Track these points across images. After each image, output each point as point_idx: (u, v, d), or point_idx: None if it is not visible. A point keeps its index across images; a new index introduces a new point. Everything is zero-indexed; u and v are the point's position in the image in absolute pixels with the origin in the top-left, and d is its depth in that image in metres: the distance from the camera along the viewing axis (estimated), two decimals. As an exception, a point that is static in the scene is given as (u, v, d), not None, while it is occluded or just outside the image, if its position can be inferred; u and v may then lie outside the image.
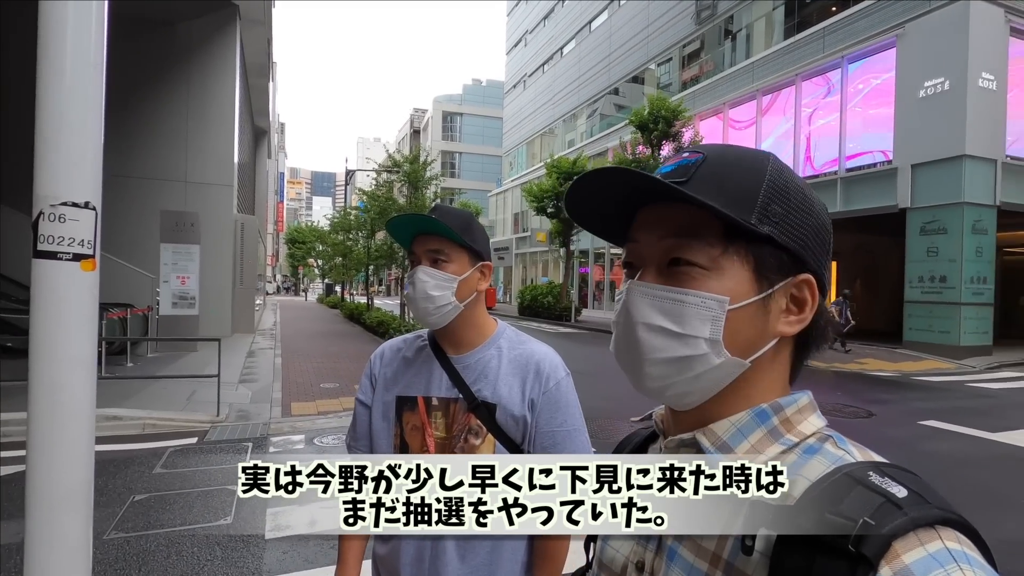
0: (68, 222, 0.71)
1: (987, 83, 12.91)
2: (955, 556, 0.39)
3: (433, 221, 1.17)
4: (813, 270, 0.51)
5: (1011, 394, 9.04)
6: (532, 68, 36.93)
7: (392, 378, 1.25)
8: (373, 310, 18.94)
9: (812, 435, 0.50)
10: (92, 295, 0.77)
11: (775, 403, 0.51)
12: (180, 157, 12.67)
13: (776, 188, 0.50)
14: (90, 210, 0.73)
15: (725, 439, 0.51)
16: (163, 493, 4.25)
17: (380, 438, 1.22)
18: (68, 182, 0.71)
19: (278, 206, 49.37)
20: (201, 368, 8.49)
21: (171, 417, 6.18)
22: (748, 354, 0.50)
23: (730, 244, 0.49)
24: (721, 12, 20.58)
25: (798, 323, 0.51)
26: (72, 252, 0.72)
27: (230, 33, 13.75)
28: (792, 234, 0.50)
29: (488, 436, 1.15)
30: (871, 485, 0.42)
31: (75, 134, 0.72)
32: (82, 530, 0.74)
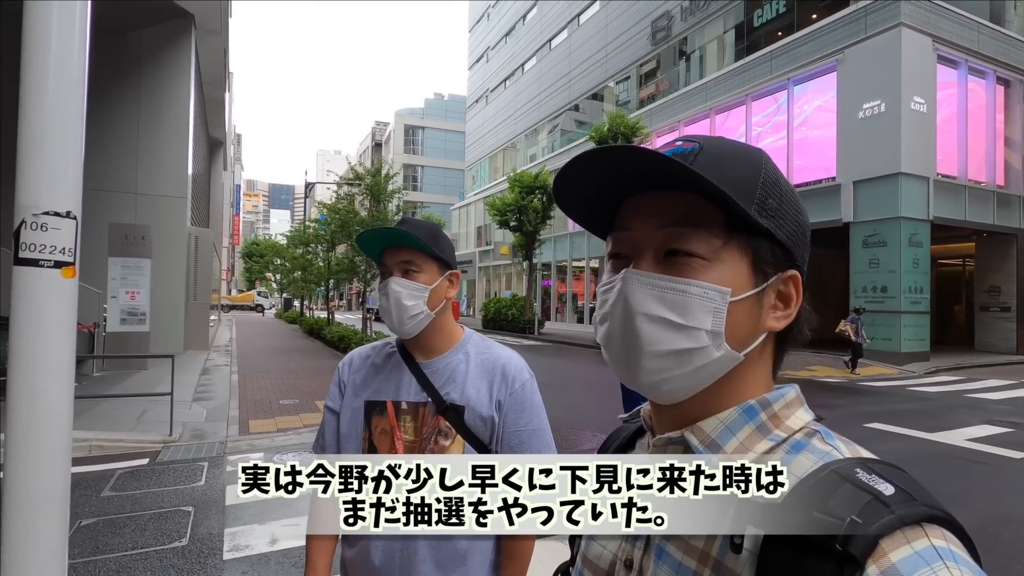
0: (50, 231, 0.73)
1: (919, 106, 13.85)
2: (941, 554, 0.39)
3: (403, 233, 1.22)
4: (799, 267, 0.51)
5: (946, 397, 9.61)
6: (494, 83, 37.36)
7: (361, 384, 1.28)
8: (334, 325, 18.59)
9: (799, 430, 0.50)
10: (72, 302, 0.78)
11: (763, 399, 0.51)
12: (130, 168, 12.22)
13: (771, 182, 0.50)
14: (71, 219, 0.75)
15: (714, 437, 0.50)
16: (112, 517, 4.07)
17: (348, 442, 1.24)
18: (50, 192, 0.73)
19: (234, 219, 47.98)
20: (152, 387, 8.15)
21: (120, 438, 5.92)
22: (743, 348, 0.49)
23: (732, 236, 0.48)
24: (676, 33, 21.40)
25: (784, 319, 0.51)
26: (54, 260, 0.74)
27: (184, 42, 13.43)
28: (786, 229, 0.50)
29: (457, 437, 1.19)
30: (858, 482, 0.42)
31: (56, 146, 0.74)
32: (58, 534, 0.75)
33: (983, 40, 15.56)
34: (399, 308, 1.20)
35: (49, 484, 0.75)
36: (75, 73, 0.74)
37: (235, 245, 50.44)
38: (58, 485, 0.76)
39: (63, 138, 0.74)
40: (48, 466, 0.74)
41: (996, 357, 15.02)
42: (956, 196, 14.91)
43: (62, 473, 0.76)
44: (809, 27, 16.17)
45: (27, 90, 0.69)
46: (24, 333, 0.71)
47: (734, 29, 19.09)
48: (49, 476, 0.75)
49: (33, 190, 0.72)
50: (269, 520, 4.03)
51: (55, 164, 0.73)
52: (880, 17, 14.23)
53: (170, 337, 11.72)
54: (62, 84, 0.72)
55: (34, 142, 0.71)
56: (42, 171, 0.71)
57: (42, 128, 0.72)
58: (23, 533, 0.69)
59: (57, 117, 0.72)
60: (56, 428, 0.75)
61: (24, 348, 0.71)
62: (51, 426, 0.74)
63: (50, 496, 0.74)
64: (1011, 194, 16.25)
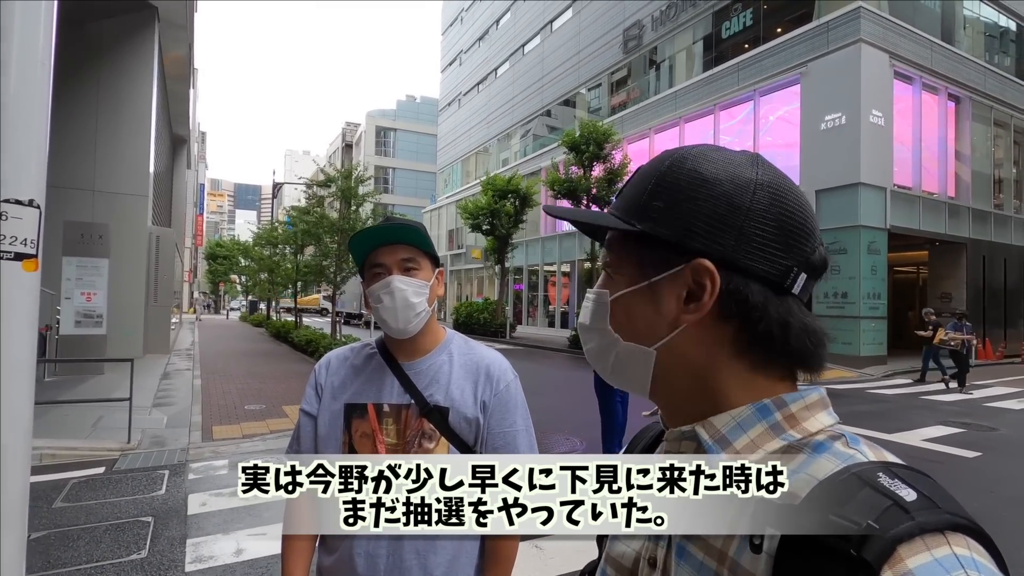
0: (10, 220, 0.67)
1: (876, 119, 14.42)
2: (963, 562, 0.37)
3: (406, 229, 1.19)
4: (711, 254, 0.49)
5: (902, 399, 9.99)
6: (467, 87, 37.31)
7: (340, 386, 1.24)
8: (302, 328, 18.19)
9: (819, 432, 0.49)
10: (33, 298, 0.72)
11: (779, 398, 0.50)
12: (88, 164, 11.74)
13: (658, 185, 0.52)
14: (34, 208, 0.69)
15: (724, 432, 0.50)
16: (65, 529, 3.86)
17: (327, 447, 1.20)
18: (13, 179, 0.67)
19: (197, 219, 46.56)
20: (109, 392, 7.81)
21: (74, 446, 5.64)
22: (650, 341, 0.52)
23: (625, 246, 0.55)
24: (647, 43, 21.78)
25: (696, 310, 0.50)
26: (14, 251, 0.67)
27: (147, 36, 12.99)
28: (670, 224, 0.50)
29: (441, 440, 1.17)
30: (879, 487, 0.41)
31: (21, 131, 0.67)
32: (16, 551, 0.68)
33: (936, 58, 16.32)
34: (405, 306, 1.17)
35: (7, 497, 0.68)
36: (41, 53, 0.68)
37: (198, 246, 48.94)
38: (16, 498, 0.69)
39: (27, 122, 0.68)
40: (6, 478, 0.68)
41: (947, 360, 15.67)
42: (911, 206, 15.56)
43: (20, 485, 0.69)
44: (774, 40, 16.68)
45: None
46: (-20, 331, 0.65)
47: (703, 40, 19.54)
48: (7, 488, 0.68)
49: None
50: (234, 530, 3.90)
51: (18, 148, 0.67)
52: (841, 33, 14.77)
53: (129, 340, 11.27)
54: (27, 65, 0.66)
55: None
56: (3, 155, 0.66)
57: (4, 111, 0.66)
58: None
59: (21, 99, 0.66)
60: (15, 436, 0.68)
61: (-21, 347, 0.66)
62: (10, 434, 0.68)
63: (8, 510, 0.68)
64: (961, 205, 17.06)
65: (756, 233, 0.49)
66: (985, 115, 18.14)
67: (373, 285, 1.20)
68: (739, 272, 0.49)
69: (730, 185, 0.50)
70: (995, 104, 18.29)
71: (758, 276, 0.49)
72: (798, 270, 0.50)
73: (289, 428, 6.81)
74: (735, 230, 0.49)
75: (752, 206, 0.49)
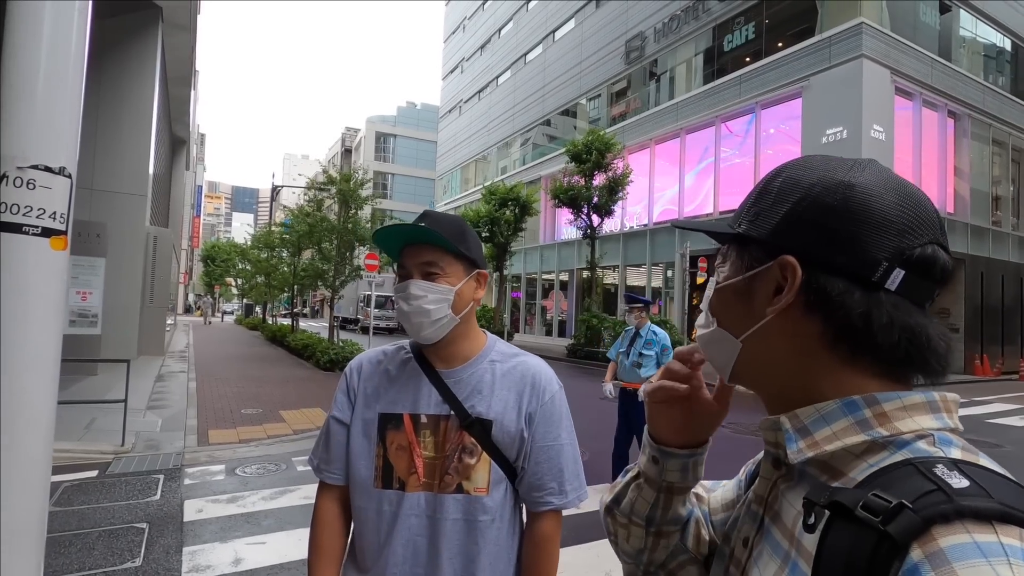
0: (38, 189, 0.58)
1: (877, 134, 14.49)
2: (1008, 551, 0.36)
3: (425, 231, 1.09)
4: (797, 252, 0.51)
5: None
6: (468, 95, 37.40)
7: (373, 394, 1.15)
8: (298, 332, 18.04)
9: (910, 432, 0.48)
10: (61, 280, 0.62)
11: (870, 396, 0.50)
12: (87, 162, 11.59)
13: (761, 192, 0.57)
14: (66, 177, 0.60)
15: (806, 423, 0.51)
16: (56, 535, 3.72)
17: (360, 459, 1.12)
18: (42, 142, 0.57)
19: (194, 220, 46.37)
20: (102, 393, 7.67)
21: (66, 448, 5.49)
22: (739, 331, 0.56)
23: (731, 247, 0.60)
24: (648, 54, 21.88)
25: (778, 302, 0.53)
26: (41, 226, 0.58)
27: (151, 36, 12.93)
28: (763, 225, 0.55)
29: (483, 455, 1.09)
30: (931, 475, 0.41)
31: (52, 86, 0.58)
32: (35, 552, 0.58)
33: (936, 75, 16.45)
34: (420, 313, 1.09)
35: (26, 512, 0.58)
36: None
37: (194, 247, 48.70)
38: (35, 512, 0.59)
39: (61, 75, 0.58)
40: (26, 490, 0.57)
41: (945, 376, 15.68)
42: (911, 221, 15.60)
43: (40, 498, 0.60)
44: (776, 54, 16.78)
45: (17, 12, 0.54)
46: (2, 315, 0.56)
47: (704, 53, 19.64)
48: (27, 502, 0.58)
49: (20, 138, 0.56)
50: (232, 538, 3.77)
51: (49, 107, 0.58)
52: (843, 48, 14.87)
53: (123, 341, 11.11)
54: (63, 7, 0.58)
55: (23, 78, 0.56)
56: (33, 115, 0.56)
57: (34, 60, 0.57)
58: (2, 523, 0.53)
59: (55, 48, 0.57)
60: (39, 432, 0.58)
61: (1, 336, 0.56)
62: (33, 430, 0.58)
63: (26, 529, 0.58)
64: (959, 221, 17.13)
65: (839, 229, 0.50)
66: (984, 133, 18.27)
67: (396, 287, 1.15)
68: (822, 267, 0.51)
69: (820, 187, 0.52)
70: (993, 122, 18.44)
71: (841, 270, 0.50)
72: (891, 264, 0.50)
73: (286, 433, 6.68)
74: (818, 227, 0.51)
75: (838, 204, 0.51)
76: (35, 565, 0.62)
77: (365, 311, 24.22)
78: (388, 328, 27.62)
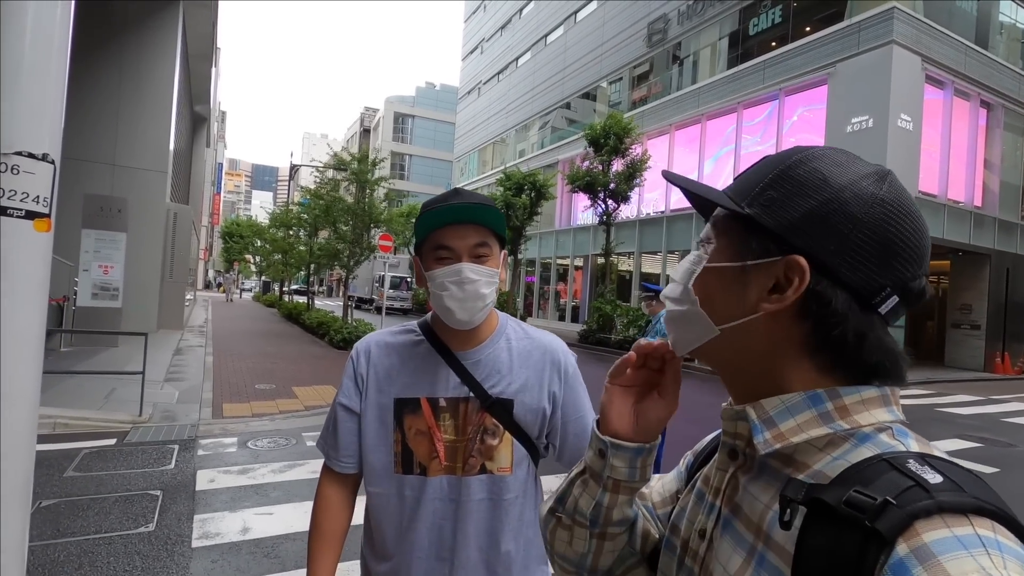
0: (22, 174, 0.62)
1: (905, 124, 14.08)
2: (985, 541, 0.38)
3: (482, 209, 1.05)
4: (809, 254, 0.50)
5: (918, 411, 9.80)
6: (487, 76, 37.06)
7: (385, 378, 1.11)
8: (313, 310, 18.30)
9: (868, 425, 0.49)
10: (44, 260, 0.66)
11: (833, 390, 0.51)
12: (109, 139, 11.82)
13: (780, 177, 0.53)
14: (48, 163, 0.64)
15: (772, 414, 0.52)
16: (75, 498, 3.89)
17: (377, 447, 1.09)
18: (26, 130, 0.61)
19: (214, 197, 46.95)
20: (122, 365, 7.91)
21: (87, 416, 5.70)
22: (721, 319, 0.54)
23: (729, 225, 0.56)
24: (671, 37, 21.43)
25: (778, 301, 0.51)
26: (25, 209, 0.63)
27: (172, 13, 13.03)
28: (779, 216, 0.51)
29: (505, 435, 1.09)
30: (906, 471, 0.43)
31: (36, 77, 0.62)
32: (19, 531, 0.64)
33: (970, 63, 15.88)
34: (476, 298, 1.04)
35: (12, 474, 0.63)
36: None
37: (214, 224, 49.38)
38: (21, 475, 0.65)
39: (44, 67, 0.62)
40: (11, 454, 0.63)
41: (965, 373, 15.41)
42: (935, 214, 15.22)
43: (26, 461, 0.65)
44: (803, 39, 16.32)
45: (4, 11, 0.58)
46: (-13, 294, 0.61)
47: (728, 36, 19.18)
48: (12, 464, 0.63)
49: (5, 126, 0.61)
50: (241, 508, 3.90)
51: (32, 98, 0.61)
52: (873, 34, 14.41)
53: (143, 315, 11.40)
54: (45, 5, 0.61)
55: (8, 70, 0.60)
56: (17, 104, 0.60)
57: (18, 53, 0.61)
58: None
59: (38, 41, 0.61)
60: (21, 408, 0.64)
61: (-14, 311, 0.61)
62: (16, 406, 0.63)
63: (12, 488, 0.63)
64: (986, 215, 16.66)
65: (859, 245, 0.49)
66: (1018, 124, 17.65)
67: (437, 270, 1.05)
68: (829, 277, 0.50)
69: (850, 193, 0.50)
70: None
71: (848, 285, 0.50)
72: (891, 291, 0.50)
73: (298, 409, 6.84)
74: (839, 237, 0.50)
75: (864, 218, 0.50)
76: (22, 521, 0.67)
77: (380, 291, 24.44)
78: (403, 309, 27.89)
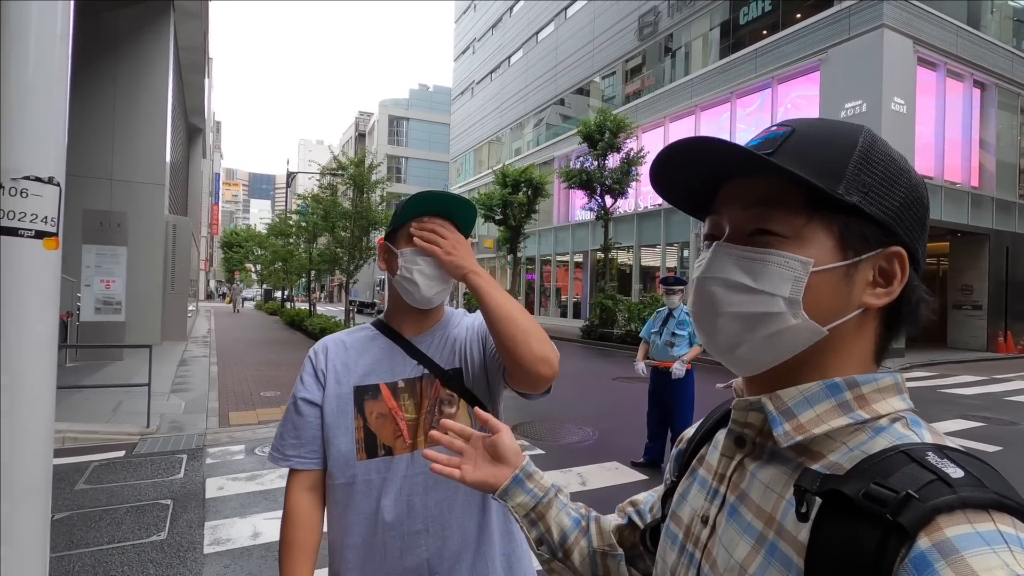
0: (31, 197, 0.67)
1: (899, 107, 14.08)
2: (1007, 538, 0.37)
3: (464, 204, 1.15)
4: (905, 243, 0.50)
5: (921, 392, 9.84)
6: (480, 76, 37.07)
7: (343, 370, 1.18)
8: (315, 316, 18.37)
9: (886, 415, 0.49)
10: (55, 276, 0.72)
11: (850, 378, 0.50)
12: (106, 153, 11.88)
13: (866, 159, 0.50)
14: (54, 186, 0.69)
15: (790, 405, 0.50)
16: (87, 510, 3.95)
17: (338, 434, 1.14)
18: (32, 155, 0.66)
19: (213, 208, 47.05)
20: (128, 377, 7.96)
21: (95, 429, 5.76)
22: (827, 321, 0.50)
23: (815, 214, 0.50)
24: (662, 30, 21.43)
25: (885, 296, 0.50)
26: (35, 229, 0.68)
27: (163, 25, 13.08)
28: (881, 205, 0.50)
29: (462, 403, 1.15)
30: (926, 464, 0.42)
31: (40, 107, 0.67)
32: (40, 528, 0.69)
33: (961, 44, 15.87)
34: (440, 279, 1.15)
35: (30, 475, 0.68)
36: (60, 27, 0.67)
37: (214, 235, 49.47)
38: (40, 476, 0.70)
39: (47, 97, 0.67)
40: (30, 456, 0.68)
41: (967, 354, 15.43)
42: (933, 196, 15.22)
43: (44, 463, 0.70)
44: (793, 26, 16.32)
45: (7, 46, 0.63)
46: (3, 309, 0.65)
47: (719, 27, 19.18)
48: (31, 467, 0.68)
49: (13, 153, 0.65)
50: (250, 514, 3.96)
51: (37, 125, 0.67)
52: (863, 18, 14.41)
53: (147, 327, 11.47)
54: (45, 40, 0.66)
55: (15, 101, 0.65)
56: (24, 132, 0.65)
57: (24, 85, 0.65)
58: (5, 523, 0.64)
59: (40, 75, 0.66)
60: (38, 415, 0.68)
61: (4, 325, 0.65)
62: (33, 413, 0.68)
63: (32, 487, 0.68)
64: (984, 195, 16.66)
65: (926, 228, 0.53)
66: (1012, 103, 17.64)
67: (409, 248, 1.14)
68: (914, 264, 0.51)
69: (916, 179, 0.52)
70: (1023, 91, 17.78)
71: (917, 267, 0.52)
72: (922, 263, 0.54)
73: (304, 415, 6.89)
74: (923, 225, 0.52)
75: (927, 203, 0.52)
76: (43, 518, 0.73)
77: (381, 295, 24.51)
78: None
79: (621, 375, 10.62)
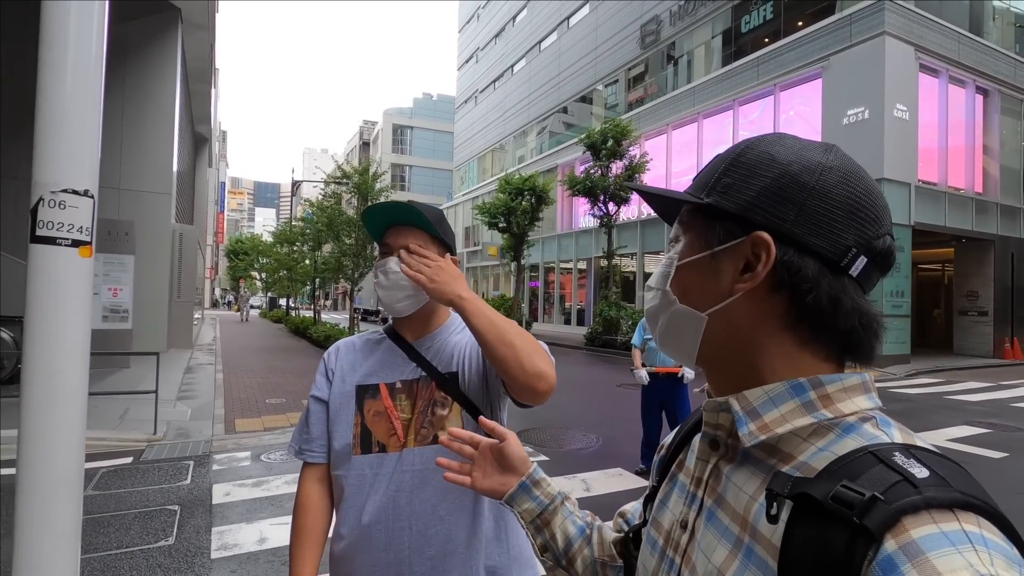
0: (68, 208, 0.72)
1: (901, 113, 14.11)
2: (971, 537, 0.38)
3: (410, 210, 1.20)
4: (771, 228, 0.51)
5: (927, 398, 9.80)
6: (483, 84, 37.32)
7: (349, 369, 1.26)
8: (320, 324, 18.43)
9: (852, 414, 0.50)
10: (88, 281, 0.76)
11: (815, 378, 0.51)
12: (114, 163, 12.01)
13: (733, 163, 0.55)
14: (88, 197, 0.74)
15: (755, 405, 0.51)
16: (96, 516, 3.99)
17: (338, 427, 1.21)
18: (68, 170, 0.71)
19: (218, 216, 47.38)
20: (135, 385, 8.01)
21: (103, 436, 5.80)
22: (704, 307, 0.55)
23: (694, 219, 0.58)
24: (664, 38, 21.57)
25: (751, 280, 0.52)
26: (71, 238, 0.72)
27: (171, 36, 13.25)
28: (737, 198, 0.53)
29: (454, 405, 1.19)
30: (892, 464, 0.42)
31: (76, 124, 0.72)
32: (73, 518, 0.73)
33: (963, 51, 15.92)
34: (397, 288, 1.20)
35: (64, 468, 0.73)
36: (95, 49, 0.72)
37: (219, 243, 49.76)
38: (73, 468, 0.74)
39: (82, 115, 0.72)
40: (64, 449, 0.72)
41: (973, 360, 15.35)
42: (936, 202, 15.22)
43: (77, 456, 0.75)
44: (795, 34, 16.41)
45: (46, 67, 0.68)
46: (41, 312, 0.69)
47: (721, 35, 19.29)
48: (65, 460, 0.73)
49: (51, 167, 0.70)
50: (257, 519, 3.99)
51: (73, 141, 0.72)
52: (865, 26, 14.48)
53: (153, 335, 11.53)
54: (82, 60, 0.71)
55: (52, 119, 0.70)
56: (60, 148, 0.70)
57: (61, 105, 0.70)
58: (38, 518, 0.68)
59: (77, 94, 0.71)
60: (72, 410, 0.73)
61: (41, 328, 0.70)
62: (68, 408, 0.73)
63: (66, 480, 0.73)
64: (988, 201, 16.63)
65: (817, 210, 0.51)
66: (1015, 108, 17.65)
67: (377, 263, 1.25)
68: (795, 246, 0.51)
69: (798, 166, 0.52)
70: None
71: (814, 252, 0.50)
72: (857, 252, 0.51)
73: (309, 422, 6.92)
74: (796, 205, 0.51)
75: (816, 185, 0.51)
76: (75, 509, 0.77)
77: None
78: (408, 319, 27.91)
79: (624, 382, 10.61)
